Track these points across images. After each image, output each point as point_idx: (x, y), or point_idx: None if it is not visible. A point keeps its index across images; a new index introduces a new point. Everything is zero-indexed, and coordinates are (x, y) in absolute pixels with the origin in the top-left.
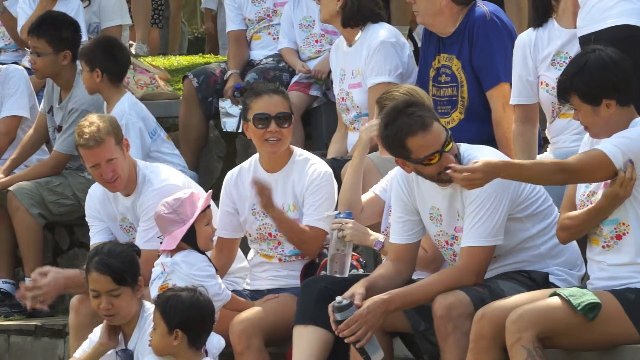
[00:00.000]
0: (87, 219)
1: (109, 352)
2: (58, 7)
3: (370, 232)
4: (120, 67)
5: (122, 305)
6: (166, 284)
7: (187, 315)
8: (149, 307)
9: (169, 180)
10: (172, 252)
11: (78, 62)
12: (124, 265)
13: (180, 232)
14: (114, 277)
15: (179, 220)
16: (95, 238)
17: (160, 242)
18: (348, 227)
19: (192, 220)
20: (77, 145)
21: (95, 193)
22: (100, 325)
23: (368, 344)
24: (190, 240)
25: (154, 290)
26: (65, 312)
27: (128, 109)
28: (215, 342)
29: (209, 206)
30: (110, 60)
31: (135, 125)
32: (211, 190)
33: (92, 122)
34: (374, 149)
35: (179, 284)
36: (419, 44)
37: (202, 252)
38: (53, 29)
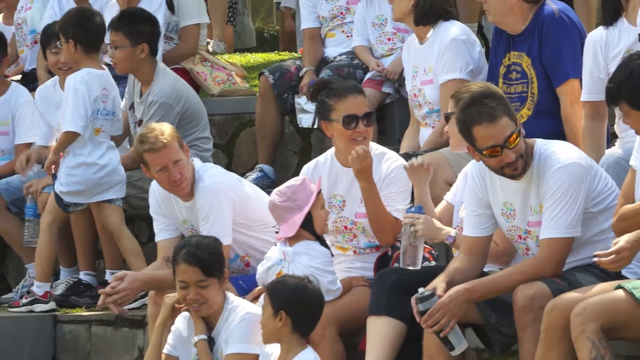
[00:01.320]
0: (151, 214)
1: (195, 339)
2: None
3: (442, 226)
4: (91, 35)
5: (209, 296)
6: (281, 271)
7: (291, 297)
8: (233, 299)
9: (219, 177)
10: (291, 240)
11: (158, 57)
12: (212, 257)
13: (299, 217)
14: (203, 269)
15: (295, 207)
16: (161, 235)
17: (276, 232)
18: (419, 222)
19: (309, 205)
20: (142, 152)
21: (158, 189)
22: (181, 315)
23: (452, 334)
24: (307, 226)
25: (271, 277)
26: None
27: (81, 77)
28: None
29: (319, 191)
30: (81, 30)
31: (78, 90)
32: (321, 176)
33: (154, 127)
34: (445, 144)
35: (295, 274)
36: (489, 41)
37: (319, 239)
38: (130, 23)
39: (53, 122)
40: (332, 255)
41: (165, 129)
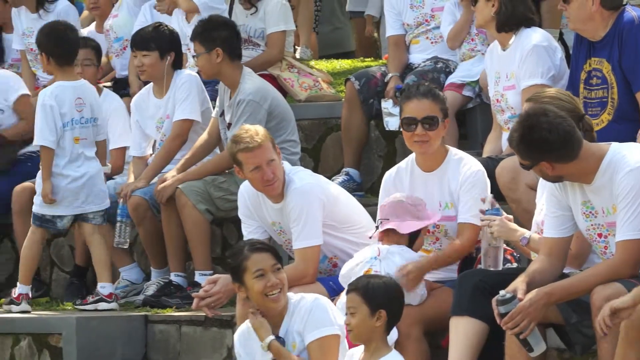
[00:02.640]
0: (240, 216)
1: (267, 341)
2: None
3: (517, 227)
4: (62, 49)
5: (285, 281)
6: (370, 269)
7: (389, 295)
8: (292, 295)
9: (309, 179)
10: (387, 240)
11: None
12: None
13: (418, 224)
14: (273, 254)
15: (415, 214)
16: (250, 237)
17: (376, 227)
18: (495, 224)
19: (430, 222)
20: (237, 151)
21: (247, 192)
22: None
23: (531, 336)
24: (411, 236)
25: (358, 273)
26: (233, 303)
27: (50, 90)
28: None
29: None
30: (52, 45)
31: (46, 105)
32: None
33: (248, 128)
34: None
35: (386, 272)
36: (570, 47)
37: None
38: (204, 30)
39: (148, 130)
40: None
41: (259, 130)
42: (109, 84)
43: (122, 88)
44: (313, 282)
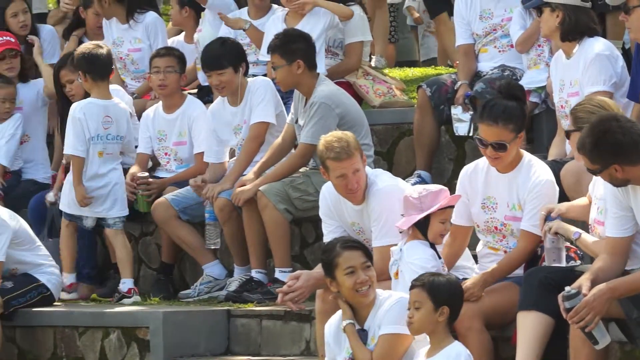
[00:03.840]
0: (320, 215)
1: (344, 324)
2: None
3: (570, 226)
4: (96, 67)
5: (374, 278)
6: (397, 270)
7: (451, 292)
8: (381, 292)
9: (390, 181)
10: (408, 238)
11: (322, 70)
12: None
13: (414, 218)
14: (364, 252)
15: (418, 207)
16: (329, 237)
17: None
18: (553, 223)
19: (428, 212)
20: (327, 158)
21: (329, 193)
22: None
23: (596, 330)
24: (423, 230)
25: (392, 274)
26: (312, 298)
27: (81, 105)
28: None
29: (452, 207)
30: (87, 63)
31: (75, 118)
32: (459, 195)
33: (341, 137)
34: None
35: (402, 270)
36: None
37: (433, 246)
38: (284, 43)
39: (224, 137)
40: (441, 258)
41: (350, 140)
42: (194, 91)
43: (206, 95)
44: (390, 279)
